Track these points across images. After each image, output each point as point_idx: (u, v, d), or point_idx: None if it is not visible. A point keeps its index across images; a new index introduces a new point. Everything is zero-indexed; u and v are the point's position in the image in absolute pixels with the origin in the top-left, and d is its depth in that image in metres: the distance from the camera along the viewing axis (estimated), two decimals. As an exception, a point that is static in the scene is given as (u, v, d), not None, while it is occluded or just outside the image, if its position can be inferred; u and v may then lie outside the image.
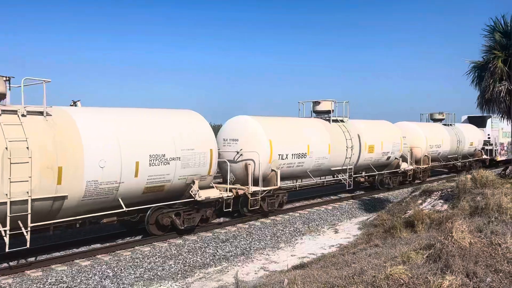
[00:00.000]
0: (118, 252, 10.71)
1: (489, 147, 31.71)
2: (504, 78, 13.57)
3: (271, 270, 10.54)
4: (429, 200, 13.67)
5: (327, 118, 18.22)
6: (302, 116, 18.66)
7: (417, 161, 23.16)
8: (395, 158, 20.91)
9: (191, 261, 10.90)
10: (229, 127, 15.39)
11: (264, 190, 14.23)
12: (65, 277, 8.96)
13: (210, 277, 10.19)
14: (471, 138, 29.43)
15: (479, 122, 32.04)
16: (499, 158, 32.36)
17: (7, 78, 9.44)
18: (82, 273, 9.23)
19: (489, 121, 32.19)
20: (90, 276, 9.20)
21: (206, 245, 11.76)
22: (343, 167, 17.87)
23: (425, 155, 23.53)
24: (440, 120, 28.33)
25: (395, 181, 21.25)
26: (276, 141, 14.86)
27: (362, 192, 20.49)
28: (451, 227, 7.00)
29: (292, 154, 15.45)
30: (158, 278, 9.91)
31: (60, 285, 8.72)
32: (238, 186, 14.35)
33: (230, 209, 13.30)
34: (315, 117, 18.76)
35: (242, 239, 12.62)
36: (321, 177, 18.21)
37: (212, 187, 12.82)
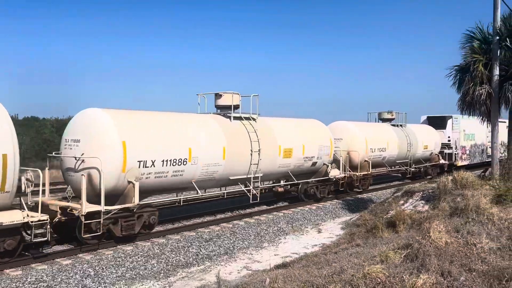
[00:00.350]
0: (100, 251, 10.66)
1: (448, 151, 28.37)
2: (485, 82, 13.82)
3: (254, 270, 10.59)
4: (410, 200, 13.86)
5: (228, 114, 14.80)
6: (204, 112, 15.28)
7: (355, 168, 19.84)
8: (324, 164, 17.84)
9: (174, 260, 10.90)
10: (73, 124, 11.64)
11: (109, 211, 10.55)
12: (45, 276, 8.90)
13: (193, 277, 10.21)
14: (425, 140, 26.06)
15: (439, 123, 29.04)
16: (459, 163, 28.80)
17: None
18: (62, 272, 9.18)
19: (449, 121, 29.04)
20: (71, 275, 9.16)
21: (189, 244, 11.77)
22: (248, 176, 14.53)
23: (365, 160, 20.24)
24: (389, 120, 24.77)
25: (324, 191, 18.18)
26: (134, 143, 11.15)
27: (286, 204, 17.51)
28: (428, 227, 7.14)
29: (164, 161, 11.75)
30: (140, 277, 9.89)
31: (40, 284, 8.66)
32: (71, 204, 10.53)
33: (47, 238, 9.57)
34: (215, 113, 15.28)
35: (225, 239, 12.66)
36: (219, 188, 14.91)
37: (11, 208, 9.37)
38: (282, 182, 17.02)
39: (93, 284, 9.14)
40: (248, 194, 14.77)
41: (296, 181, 16.79)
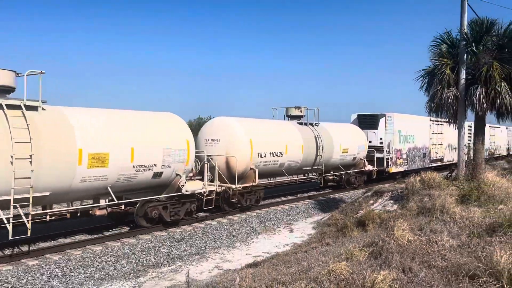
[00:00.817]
0: (68, 251, 10.53)
1: (379, 155, 23.76)
2: (452, 85, 14.22)
3: (225, 269, 10.64)
4: (380, 200, 14.15)
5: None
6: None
7: (236, 178, 15.21)
8: (176, 174, 13.01)
9: (144, 261, 10.85)
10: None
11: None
12: (10, 277, 8.74)
13: (163, 277, 10.18)
14: (345, 143, 21.09)
15: (370, 122, 24.72)
16: (393, 170, 24.27)
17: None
18: (28, 273, 9.02)
19: (382, 120, 24.43)
20: (37, 276, 9.01)
21: (160, 244, 11.73)
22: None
23: (251, 168, 15.76)
24: (297, 117, 20.10)
25: (183, 211, 13.51)
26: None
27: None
28: (393, 226, 7.34)
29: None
30: (109, 277, 9.81)
31: (4, 285, 8.49)
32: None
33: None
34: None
35: (197, 239, 12.66)
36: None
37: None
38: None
39: (61, 285, 9.02)
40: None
41: (139, 200, 12.53)
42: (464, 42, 14.33)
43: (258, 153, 16.10)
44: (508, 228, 7.60)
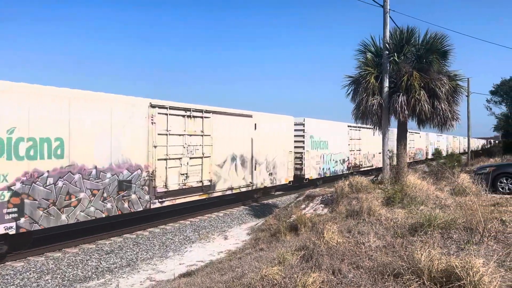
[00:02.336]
0: (-16, 270, 9.69)
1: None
2: (376, 93, 14.95)
3: (157, 280, 10.35)
4: (311, 204, 14.51)
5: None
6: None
7: None
8: None
9: (71, 275, 10.28)
10: None
11: None
12: None
13: (91, 291, 9.71)
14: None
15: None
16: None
17: None
18: None
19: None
20: None
21: (88, 257, 11.19)
22: None
23: None
24: None
25: None
26: None
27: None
28: (322, 229, 7.55)
29: None
30: (31, 295, 9.18)
31: None
32: None
33: None
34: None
35: (128, 250, 12.23)
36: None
37: None
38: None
39: (-25, 307, 8.28)
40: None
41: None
42: (387, 52, 15.13)
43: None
44: (428, 227, 8.11)
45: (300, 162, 23.68)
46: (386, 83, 15.10)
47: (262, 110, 25.02)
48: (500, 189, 14.98)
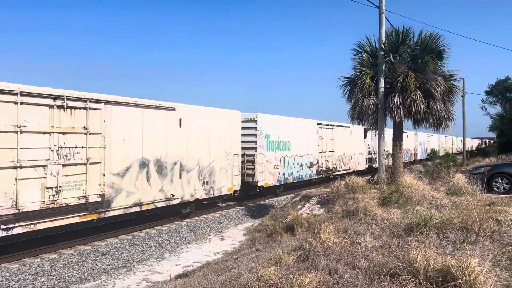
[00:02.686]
0: (-21, 272, 9.62)
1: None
2: (372, 93, 15.00)
3: (153, 281, 10.33)
4: (307, 205, 14.52)
5: None
6: None
7: None
8: None
9: (67, 277, 10.25)
10: None
11: None
12: None
13: (87, 292, 9.68)
14: None
15: None
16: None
17: None
18: None
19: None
20: None
21: (84, 258, 11.15)
22: None
23: None
24: None
25: None
26: None
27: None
28: (319, 229, 7.57)
29: None
30: (27, 297, 9.13)
31: None
32: None
33: None
34: None
35: (124, 251, 12.20)
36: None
37: None
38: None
39: (-30, 309, 8.23)
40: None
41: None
42: (382, 53, 15.18)
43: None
44: (424, 227, 8.14)
45: (252, 166, 19.66)
46: (382, 84, 15.14)
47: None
48: (495, 188, 15.06)
